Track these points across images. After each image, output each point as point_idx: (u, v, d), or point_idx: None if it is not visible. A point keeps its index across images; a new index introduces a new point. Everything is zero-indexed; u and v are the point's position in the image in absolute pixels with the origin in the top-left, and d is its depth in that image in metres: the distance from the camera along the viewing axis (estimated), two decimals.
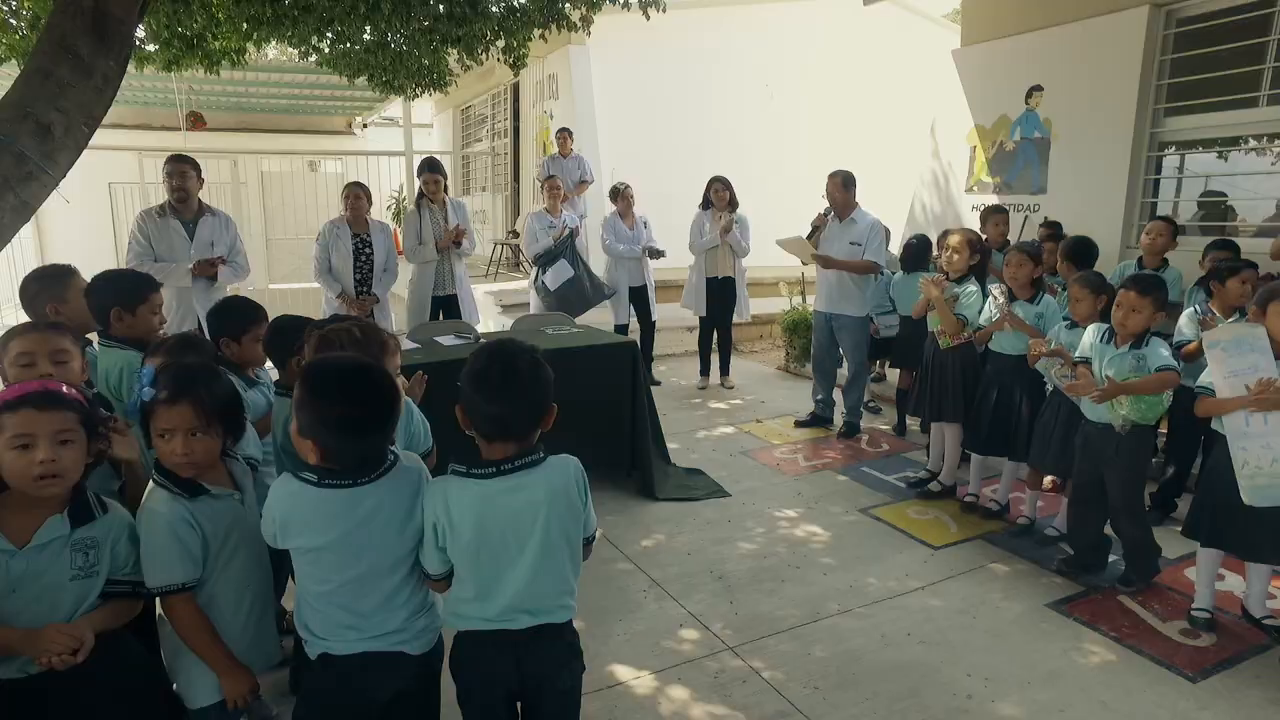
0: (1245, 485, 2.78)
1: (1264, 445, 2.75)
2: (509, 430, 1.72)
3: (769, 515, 4.13)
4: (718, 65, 9.68)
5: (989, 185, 6.81)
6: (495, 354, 1.72)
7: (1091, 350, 3.27)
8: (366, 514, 1.71)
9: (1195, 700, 2.63)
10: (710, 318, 6.67)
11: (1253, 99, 5.31)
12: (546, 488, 1.74)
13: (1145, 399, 3.09)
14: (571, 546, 1.81)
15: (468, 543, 1.72)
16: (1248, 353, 2.76)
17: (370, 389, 1.71)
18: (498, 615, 1.75)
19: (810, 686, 2.71)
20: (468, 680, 1.81)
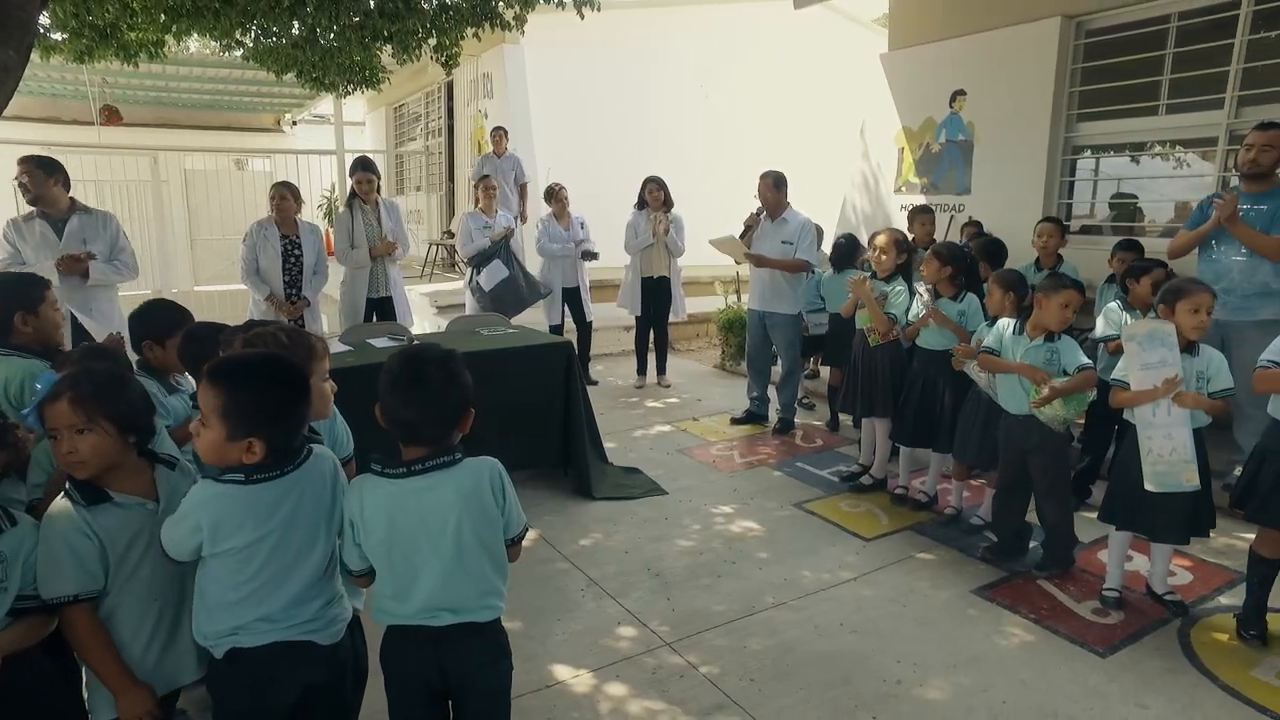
0: (1148, 472, 2.94)
1: (1166, 435, 2.91)
2: (419, 435, 1.75)
3: (705, 512, 4.18)
4: (653, 65, 9.73)
5: (916, 186, 7.01)
6: (407, 360, 1.75)
7: (1001, 343, 3.41)
8: (294, 504, 1.74)
9: (1105, 674, 2.77)
10: (646, 317, 6.71)
11: (1154, 107, 5.60)
12: (456, 489, 1.75)
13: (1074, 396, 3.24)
14: (489, 548, 1.81)
15: (379, 541, 1.74)
16: (1158, 347, 2.91)
17: (288, 369, 1.77)
18: (415, 613, 1.76)
19: (746, 679, 2.76)
20: (390, 672, 1.84)
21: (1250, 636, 2.93)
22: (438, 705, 1.84)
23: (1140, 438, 2.96)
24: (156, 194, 10.12)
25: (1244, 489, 2.88)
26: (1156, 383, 2.90)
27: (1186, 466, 2.89)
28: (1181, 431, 2.89)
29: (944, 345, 3.95)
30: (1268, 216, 3.95)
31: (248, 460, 1.68)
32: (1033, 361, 3.29)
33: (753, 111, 10.28)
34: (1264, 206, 3.97)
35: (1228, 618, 3.07)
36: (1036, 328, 3.33)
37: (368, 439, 2.22)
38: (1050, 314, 3.25)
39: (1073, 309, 3.23)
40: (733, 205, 6.61)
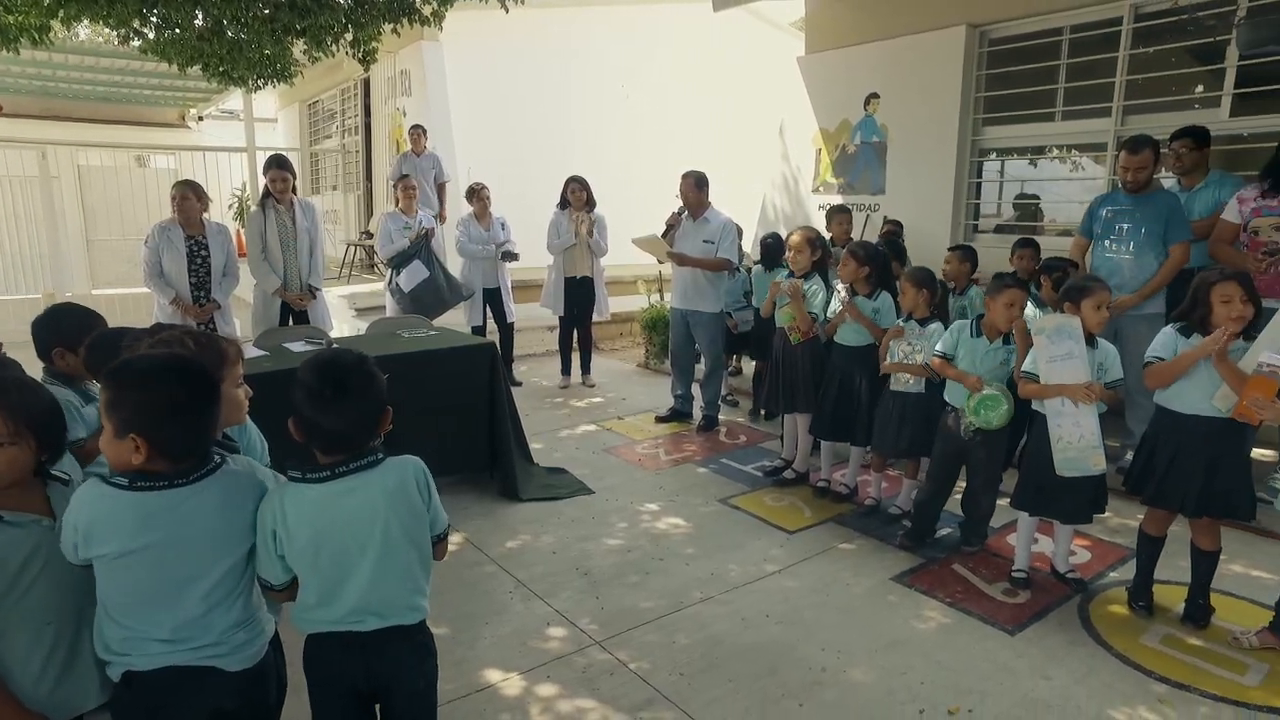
0: (1059, 459, 3.10)
1: (1075, 423, 3.08)
2: (350, 443, 1.73)
3: (632, 510, 4.21)
4: (574, 64, 9.71)
5: (833, 186, 7.20)
6: (325, 371, 1.71)
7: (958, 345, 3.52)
8: (185, 517, 1.63)
9: (1013, 650, 2.91)
10: (570, 317, 6.70)
11: (1051, 114, 5.91)
12: (381, 488, 1.74)
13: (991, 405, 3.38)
14: (417, 546, 1.80)
15: (303, 547, 1.69)
16: (1066, 340, 3.08)
17: (184, 370, 1.67)
18: (342, 618, 1.73)
19: (676, 673, 2.79)
20: (315, 678, 1.79)
21: (1139, 607, 3.14)
22: (364, 708, 1.82)
23: (1050, 426, 3.12)
24: (46, 191, 9.55)
25: (1140, 474, 3.06)
26: (1064, 374, 3.06)
27: (1094, 452, 3.07)
28: (1090, 420, 3.06)
29: (861, 342, 4.08)
30: (1154, 217, 4.22)
31: (135, 462, 1.60)
32: (990, 363, 3.43)
33: (674, 111, 10.36)
34: (1146, 207, 4.23)
35: (1121, 591, 3.28)
36: (990, 330, 3.46)
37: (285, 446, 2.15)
38: (997, 314, 3.37)
39: (1018, 307, 3.34)
40: (655, 205, 6.67)
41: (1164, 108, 5.38)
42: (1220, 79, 5.13)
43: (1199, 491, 2.86)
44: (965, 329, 3.51)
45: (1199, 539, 3.00)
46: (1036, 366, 3.15)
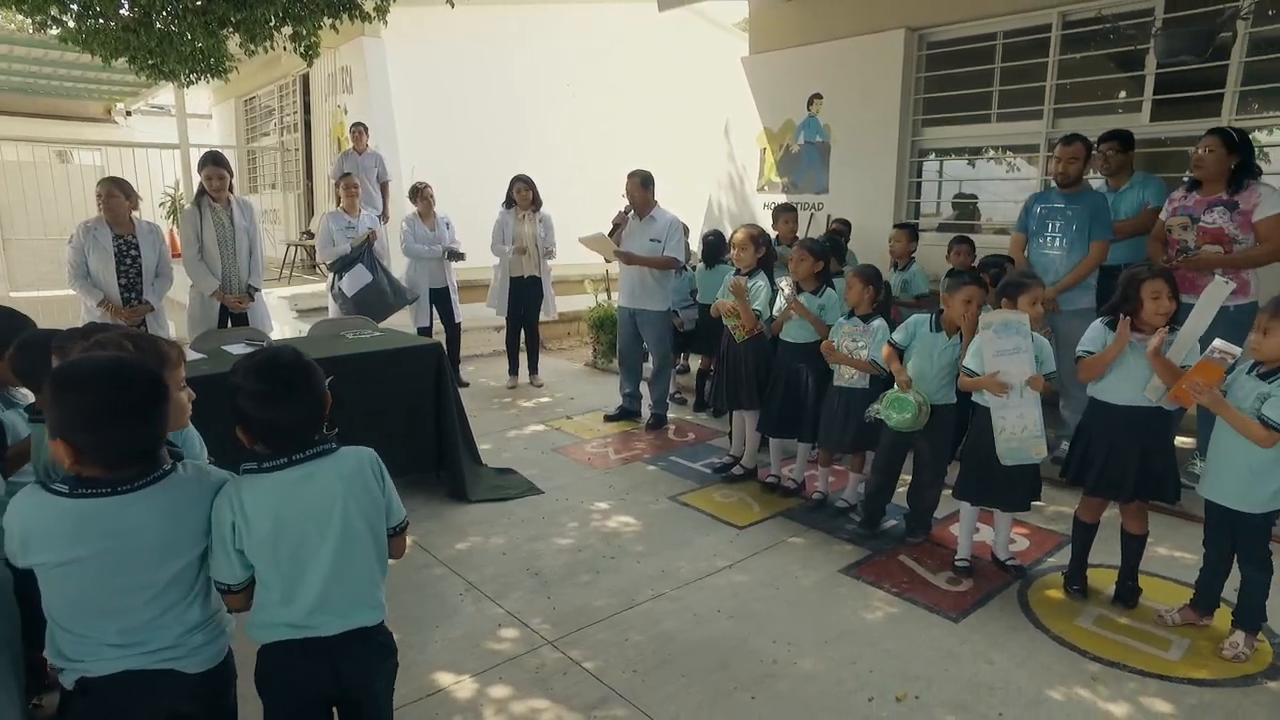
0: (1002, 449, 3.21)
1: (1019, 415, 3.19)
2: (306, 436, 1.73)
3: (582, 509, 4.20)
4: (520, 63, 9.64)
5: (778, 185, 7.30)
6: (270, 372, 1.70)
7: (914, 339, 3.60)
8: (129, 525, 1.58)
9: (957, 637, 2.99)
10: (517, 317, 6.66)
11: (986, 115, 6.09)
12: (338, 473, 1.73)
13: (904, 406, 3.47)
14: (375, 538, 1.79)
15: (264, 537, 1.66)
16: (1013, 335, 3.19)
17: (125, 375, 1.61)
18: (305, 617, 1.70)
19: (629, 671, 2.80)
20: (275, 693, 1.75)
21: (1074, 591, 3.27)
22: (326, 714, 1.81)
23: (995, 417, 3.22)
24: None
25: (1078, 464, 3.16)
26: (1011, 368, 3.16)
27: (1036, 441, 3.19)
28: (1032, 411, 3.17)
29: (807, 338, 4.14)
30: (1083, 215, 4.37)
31: (65, 464, 1.56)
32: (948, 358, 3.52)
33: (620, 111, 10.37)
34: (1076, 206, 4.39)
35: (1057, 576, 3.40)
36: (950, 325, 3.53)
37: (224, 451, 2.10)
38: (955, 310, 3.44)
39: (975, 304, 3.41)
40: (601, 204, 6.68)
41: (1091, 111, 5.59)
42: (1141, 85, 5.35)
43: (1133, 478, 2.99)
44: (925, 323, 3.59)
45: (1129, 524, 3.13)
46: (980, 362, 3.24)
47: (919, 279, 5.38)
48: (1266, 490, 2.71)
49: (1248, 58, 4.81)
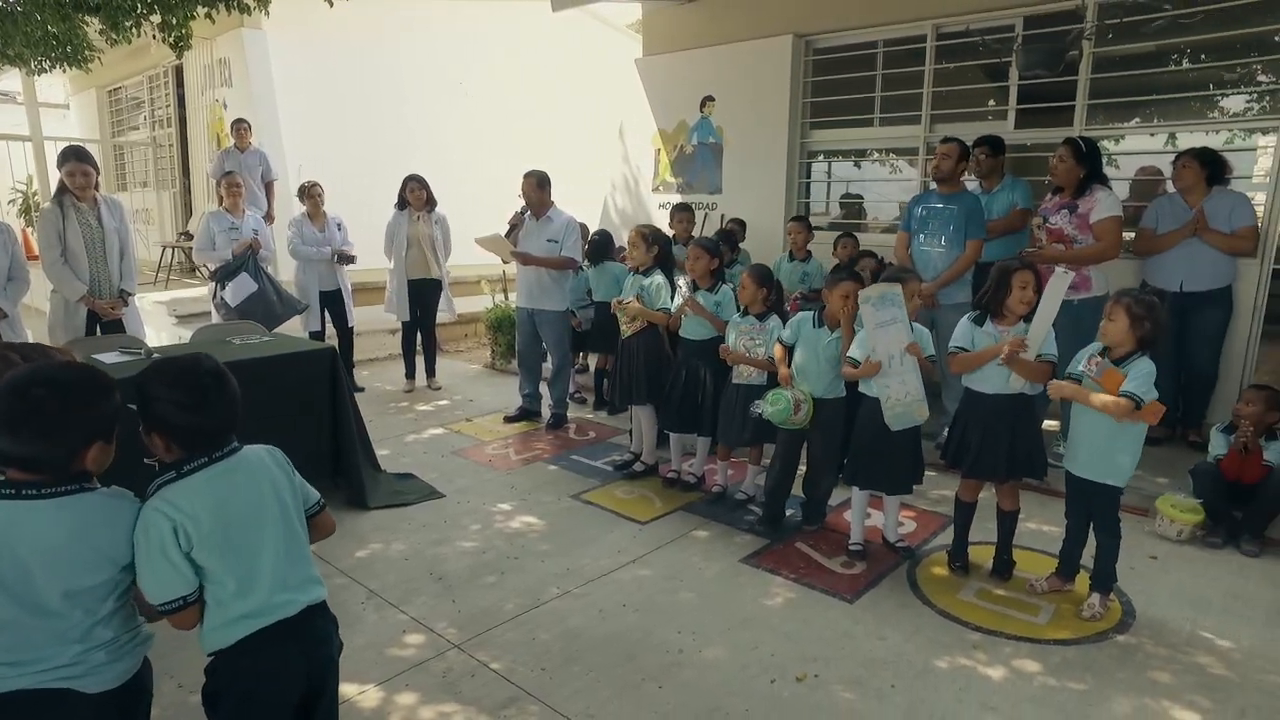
0: (889, 415, 3.39)
1: (900, 382, 3.38)
2: (229, 433, 1.76)
3: (485, 511, 4.17)
4: (412, 61, 9.43)
5: (673, 185, 7.42)
6: (189, 378, 1.71)
7: (799, 335, 3.73)
8: (19, 535, 1.51)
9: (852, 617, 3.15)
10: (413, 319, 6.52)
11: (869, 119, 6.38)
12: (256, 462, 1.79)
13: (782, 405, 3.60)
14: (300, 518, 1.84)
15: (212, 530, 1.64)
16: (890, 307, 3.37)
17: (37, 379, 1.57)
18: (265, 605, 1.70)
19: (538, 669, 2.81)
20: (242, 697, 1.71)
21: (956, 568, 3.49)
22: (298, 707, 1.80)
23: (878, 387, 3.41)
24: None
25: (956, 448, 3.38)
26: (890, 338, 3.35)
27: (919, 404, 3.39)
28: (913, 377, 3.38)
29: (705, 335, 4.23)
30: (959, 216, 4.65)
31: None
32: (832, 352, 3.64)
33: (516, 110, 10.29)
34: (954, 207, 4.67)
35: (942, 555, 3.62)
36: (832, 320, 3.65)
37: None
38: (834, 305, 3.56)
39: (853, 298, 3.54)
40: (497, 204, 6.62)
41: (964, 118, 5.94)
42: (1007, 95, 5.74)
43: (1005, 459, 3.23)
44: (807, 320, 3.73)
45: (1003, 502, 3.37)
46: (864, 344, 3.41)
47: (819, 272, 5.55)
48: (1117, 463, 3.01)
49: (1093, 74, 5.23)
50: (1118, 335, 2.93)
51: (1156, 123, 5.76)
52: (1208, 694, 2.67)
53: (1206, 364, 4.72)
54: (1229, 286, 4.64)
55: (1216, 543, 3.76)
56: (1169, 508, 3.86)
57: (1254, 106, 5.11)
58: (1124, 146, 5.94)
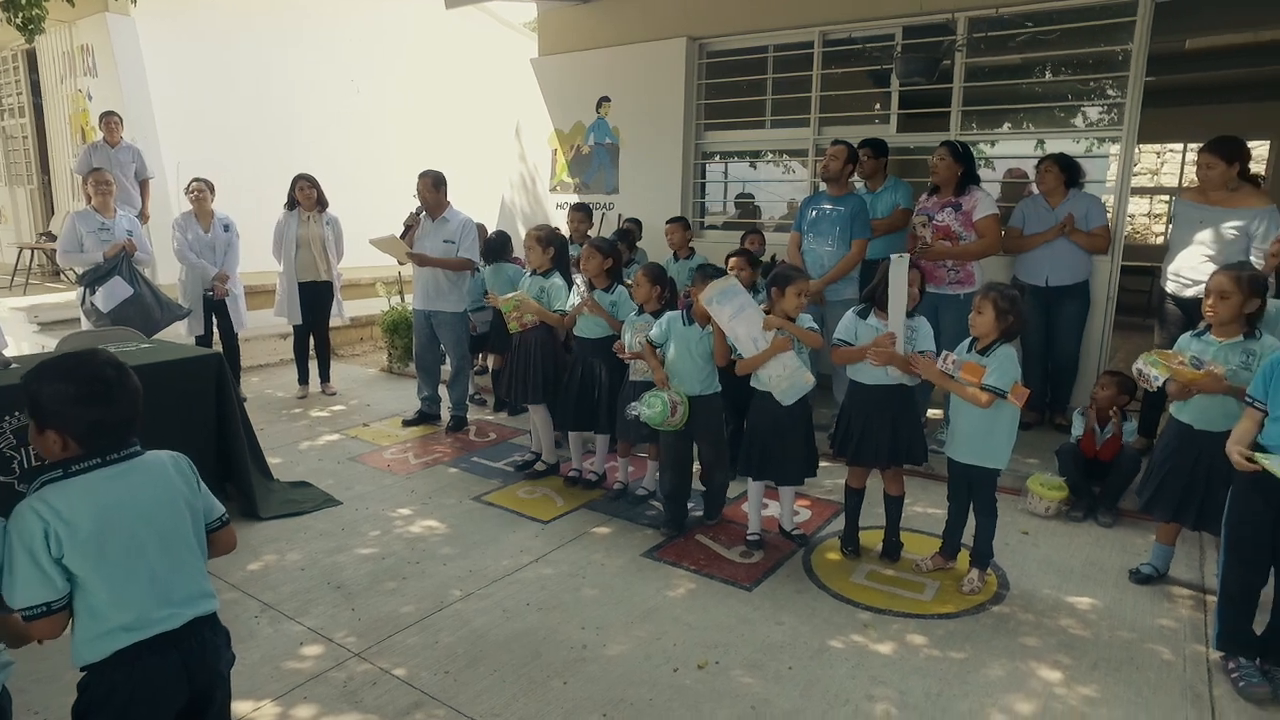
0: (778, 391, 3.50)
1: (778, 360, 3.48)
2: (125, 437, 1.70)
3: (384, 517, 4.09)
4: (300, 56, 9.09)
5: (570, 185, 7.44)
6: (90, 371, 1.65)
7: (668, 334, 3.79)
8: None
9: (751, 605, 3.25)
10: (306, 323, 6.31)
11: (761, 121, 6.57)
12: (156, 467, 1.74)
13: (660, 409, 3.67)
14: (197, 529, 1.78)
15: (89, 537, 1.56)
16: (735, 296, 3.50)
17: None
18: (144, 618, 1.62)
19: (441, 672, 2.78)
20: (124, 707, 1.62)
21: (849, 552, 3.67)
22: None
23: (762, 375, 3.52)
24: None
25: (842, 437, 3.55)
26: (746, 324, 3.47)
27: (802, 371, 3.50)
28: (786, 355, 3.48)
29: (601, 333, 4.27)
30: (846, 216, 4.86)
31: None
32: (704, 348, 3.71)
33: (412, 109, 10.08)
34: (842, 208, 4.87)
35: (835, 541, 3.78)
36: (701, 318, 3.70)
37: None
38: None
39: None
40: (392, 204, 6.48)
41: (851, 121, 6.20)
42: (889, 101, 6.03)
43: (888, 446, 3.40)
44: (677, 319, 3.81)
45: (888, 487, 3.56)
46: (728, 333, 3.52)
47: None
48: (993, 448, 3.23)
49: (966, 83, 5.57)
50: (985, 327, 3.15)
51: (1025, 129, 6.18)
52: (1068, 653, 2.91)
53: (1069, 352, 5.11)
54: (1087, 281, 5.02)
55: (1078, 516, 4.08)
56: (1038, 486, 4.15)
57: (1105, 117, 5.55)
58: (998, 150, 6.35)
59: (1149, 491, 3.29)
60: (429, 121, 10.11)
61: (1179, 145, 12.04)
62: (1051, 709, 2.59)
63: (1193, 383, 2.96)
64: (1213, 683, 2.75)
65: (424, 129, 9.93)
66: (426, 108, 10.20)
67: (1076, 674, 2.78)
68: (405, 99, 10.08)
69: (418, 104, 10.15)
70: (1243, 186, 4.30)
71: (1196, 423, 3.09)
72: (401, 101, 10.05)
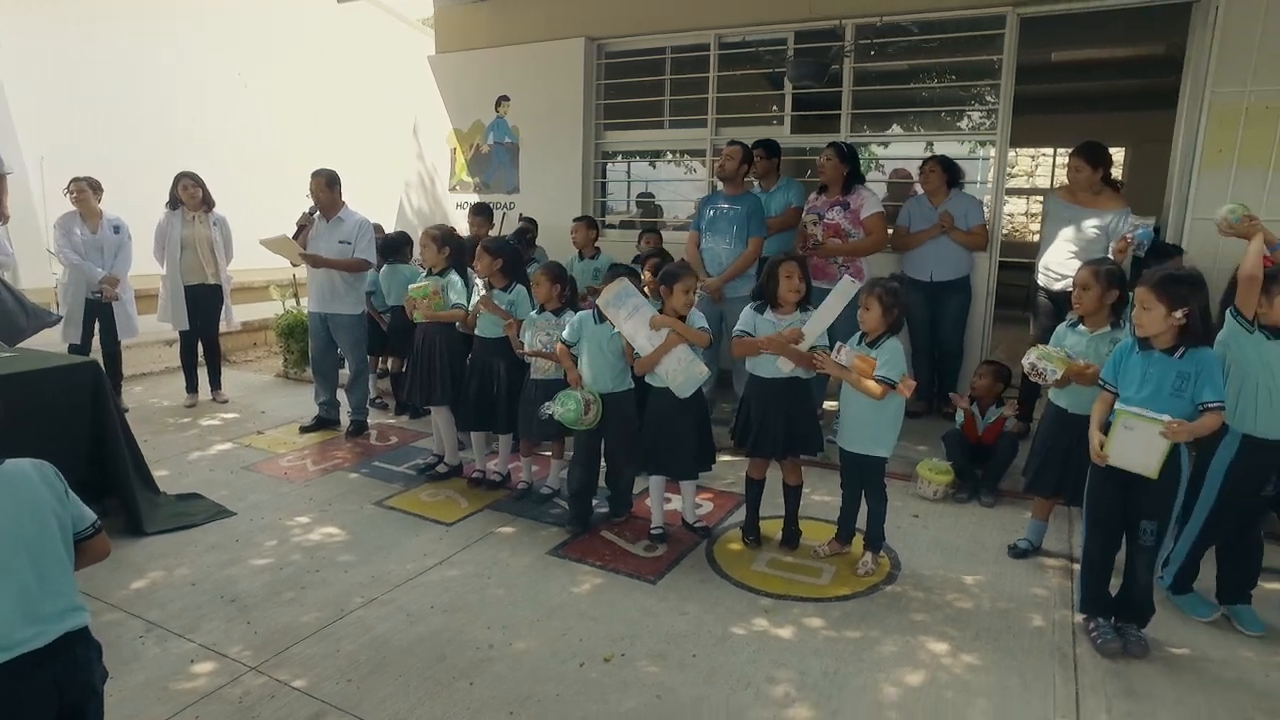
0: (675, 386, 3.57)
1: (674, 358, 3.56)
2: None
3: (281, 526, 3.97)
4: (182, 47, 8.64)
5: (470, 185, 7.35)
6: None
7: (579, 332, 3.82)
8: None
9: (656, 596, 3.31)
10: (193, 329, 6.02)
11: (660, 122, 6.67)
12: (20, 478, 1.66)
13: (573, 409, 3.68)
14: (66, 541, 1.71)
15: None
16: (628, 299, 3.58)
17: None
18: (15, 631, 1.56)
19: (343, 681, 2.73)
20: None
21: (750, 541, 3.77)
22: None
23: (661, 371, 3.59)
24: None
25: (741, 429, 3.66)
26: (639, 324, 3.54)
27: (695, 364, 3.57)
28: (682, 350, 3.56)
29: (498, 333, 4.24)
30: (742, 215, 4.99)
31: None
32: (616, 346, 3.74)
33: (304, 105, 9.74)
34: (738, 207, 5.00)
35: (737, 531, 3.88)
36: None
37: None
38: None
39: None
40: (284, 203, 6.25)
41: (747, 122, 6.37)
42: (783, 103, 6.22)
43: (784, 437, 3.53)
44: (588, 318, 3.84)
45: (787, 476, 3.69)
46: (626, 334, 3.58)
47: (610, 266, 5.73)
48: (880, 437, 3.39)
49: (855, 87, 5.80)
50: (873, 322, 3.31)
51: (914, 132, 6.49)
52: (954, 625, 3.09)
53: (954, 344, 5.40)
54: (968, 276, 5.31)
55: (963, 498, 4.32)
56: (926, 471, 4.37)
57: (984, 122, 5.88)
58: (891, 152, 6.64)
59: (1032, 470, 3.54)
60: (324, 119, 9.80)
61: (1050, 150, 12.87)
62: (938, 679, 2.75)
63: (1079, 376, 3.18)
64: (1076, 643, 2.97)
65: (319, 126, 9.62)
66: (321, 105, 9.88)
67: (961, 644, 2.96)
68: (298, 95, 9.73)
69: (312, 101, 9.83)
70: (1104, 190, 4.65)
71: (1071, 407, 3.33)
72: (294, 98, 9.70)
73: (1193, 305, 2.66)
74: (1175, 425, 2.60)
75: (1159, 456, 2.65)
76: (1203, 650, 2.94)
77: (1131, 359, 2.81)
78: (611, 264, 4.93)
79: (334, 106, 10.00)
